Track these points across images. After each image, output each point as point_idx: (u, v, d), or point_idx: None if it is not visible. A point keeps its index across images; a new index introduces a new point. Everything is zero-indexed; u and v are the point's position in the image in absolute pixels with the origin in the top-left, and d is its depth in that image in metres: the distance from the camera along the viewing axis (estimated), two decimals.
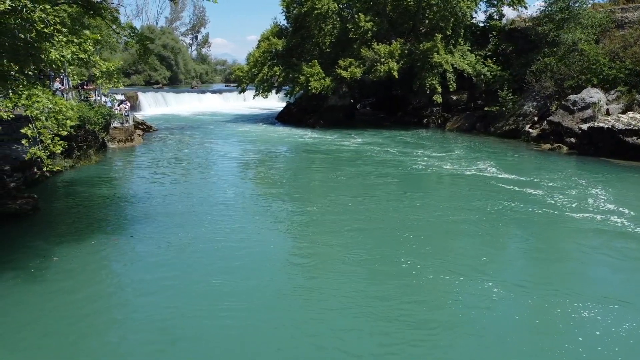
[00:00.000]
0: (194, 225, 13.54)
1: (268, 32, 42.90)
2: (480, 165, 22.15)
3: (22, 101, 8.39)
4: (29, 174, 17.16)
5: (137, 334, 8.08)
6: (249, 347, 7.70)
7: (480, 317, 8.56)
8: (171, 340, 7.87)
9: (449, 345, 7.77)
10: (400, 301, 9.13)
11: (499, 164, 22.32)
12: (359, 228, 13.32)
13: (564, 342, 7.77)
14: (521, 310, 8.83)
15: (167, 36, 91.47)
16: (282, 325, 8.29)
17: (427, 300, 9.27)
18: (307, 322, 8.44)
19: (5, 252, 11.30)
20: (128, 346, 7.77)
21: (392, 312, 8.71)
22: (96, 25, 26.49)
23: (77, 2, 12.89)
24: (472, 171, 20.98)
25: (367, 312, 8.71)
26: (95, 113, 23.22)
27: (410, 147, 28.23)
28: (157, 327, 8.25)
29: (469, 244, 12.32)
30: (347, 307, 8.89)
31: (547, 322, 8.42)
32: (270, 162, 25.01)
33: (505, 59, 35.56)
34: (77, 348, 7.68)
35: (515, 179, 19.31)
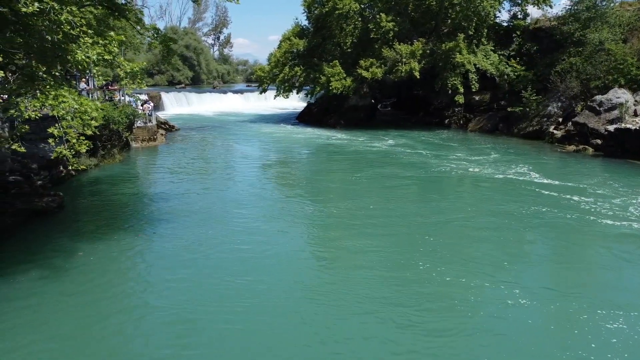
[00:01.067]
0: (215, 224, 13.66)
1: (289, 33, 43.03)
2: (503, 167, 21.83)
3: (49, 101, 8.58)
4: (55, 173, 17.53)
5: (158, 333, 8.18)
6: (266, 347, 7.73)
7: (500, 325, 8.41)
8: (191, 338, 7.96)
9: (468, 351, 7.68)
10: (419, 307, 9.00)
11: (522, 166, 21.96)
12: (379, 231, 13.22)
13: (589, 352, 7.61)
14: (544, 318, 8.62)
15: (189, 37, 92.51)
16: (300, 328, 8.29)
17: (447, 306, 9.12)
18: (324, 325, 8.43)
19: (32, 249, 11.58)
20: (148, 344, 7.87)
21: (410, 317, 8.62)
22: (121, 26, 26.92)
23: (102, 4, 13.12)
24: (495, 173, 20.68)
25: (386, 316, 8.63)
26: (119, 113, 23.61)
27: (432, 148, 27.98)
28: (178, 326, 8.34)
29: (491, 249, 12.07)
30: (365, 311, 8.81)
31: (571, 331, 8.21)
32: (290, 163, 25.07)
33: (529, 59, 34.99)
34: (98, 345, 7.82)
35: (540, 181, 18.98)
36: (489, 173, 20.71)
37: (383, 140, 31.22)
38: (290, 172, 22.13)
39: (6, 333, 8.05)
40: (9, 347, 7.65)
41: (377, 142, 30.23)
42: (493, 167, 21.82)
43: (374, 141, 30.74)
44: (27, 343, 7.78)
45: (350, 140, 31.39)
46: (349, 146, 28.94)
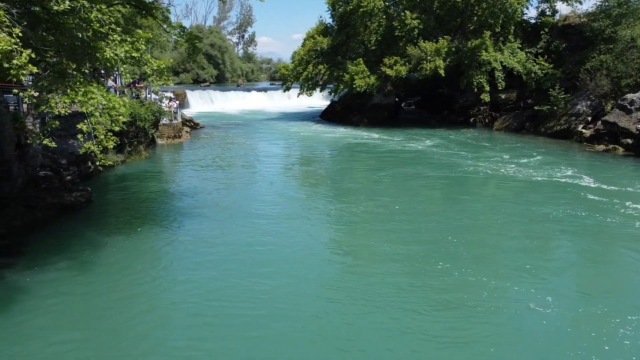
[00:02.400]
0: (239, 220, 13.77)
1: (313, 31, 43.08)
2: (530, 167, 21.43)
3: (78, 97, 8.77)
4: (83, 168, 17.92)
5: (182, 330, 8.30)
6: (285, 346, 7.76)
7: (526, 329, 8.24)
8: (213, 332, 8.05)
9: (493, 357, 7.58)
10: (442, 310, 8.85)
11: (550, 166, 21.51)
12: (403, 231, 13.05)
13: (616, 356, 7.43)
14: (571, 322, 8.39)
15: (214, 35, 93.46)
16: (318, 330, 8.20)
17: (471, 309, 8.92)
18: (343, 327, 8.39)
19: (61, 242, 11.87)
20: (170, 337, 8.00)
21: (432, 320, 8.47)
22: (148, 25, 27.37)
23: (130, 3, 13.36)
24: (521, 173, 20.30)
25: (408, 320, 8.51)
26: (145, 110, 23.98)
27: (457, 147, 27.66)
28: (200, 319, 8.44)
29: (517, 251, 11.72)
30: (386, 314, 8.70)
31: (599, 336, 8.00)
32: (313, 160, 25.10)
33: (557, 57, 34.25)
34: (122, 335, 7.97)
35: (568, 181, 18.56)
36: (515, 173, 20.34)
37: (407, 138, 31.00)
38: (313, 170, 22.15)
39: (36, 321, 8.27)
40: (39, 334, 7.86)
41: (401, 141, 30.04)
42: (520, 167, 21.43)
43: (398, 140, 30.56)
44: (54, 330, 7.99)
45: (374, 138, 31.27)
46: (373, 144, 28.83)
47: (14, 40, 7.03)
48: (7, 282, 9.78)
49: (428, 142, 29.53)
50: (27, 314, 8.52)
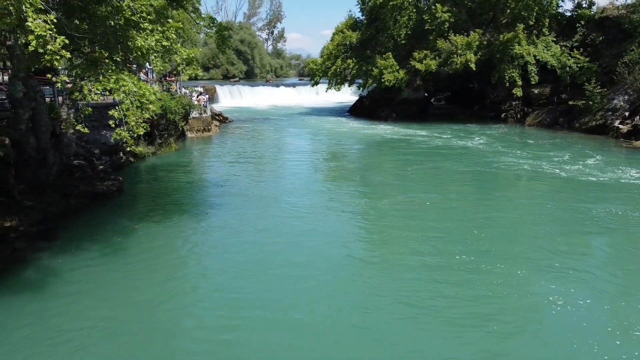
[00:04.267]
0: (266, 212, 13.83)
1: (342, 25, 42.92)
2: (565, 163, 20.78)
3: (110, 84, 8.96)
4: (115, 158, 18.33)
5: (207, 313, 8.40)
6: (307, 342, 7.76)
7: (553, 324, 8.04)
8: (239, 321, 8.11)
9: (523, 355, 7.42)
10: (472, 308, 8.65)
11: (585, 162, 20.84)
12: (433, 228, 12.72)
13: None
14: (600, 320, 8.17)
15: (244, 31, 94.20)
16: (344, 328, 8.07)
17: (501, 308, 8.68)
18: (367, 326, 8.35)
19: (93, 229, 12.17)
20: (198, 323, 8.10)
21: (462, 318, 8.27)
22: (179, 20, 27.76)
23: None
24: (556, 169, 19.66)
25: (437, 320, 8.32)
26: (176, 103, 24.35)
27: (488, 142, 27.15)
28: (225, 311, 8.48)
29: (550, 249, 11.19)
30: (415, 312, 8.56)
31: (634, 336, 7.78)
32: (341, 155, 25.04)
33: (594, 50, 33.23)
34: (150, 321, 8.11)
35: (605, 179, 17.86)
36: (549, 169, 19.72)
37: (436, 134, 30.60)
38: (341, 164, 22.06)
39: (68, 300, 8.52)
40: (70, 313, 8.09)
41: (430, 136, 29.67)
42: (554, 163, 20.81)
43: (427, 135, 30.20)
44: (85, 310, 8.21)
45: (402, 133, 30.98)
46: (401, 139, 28.57)
47: (48, 26, 7.21)
48: (43, 264, 10.09)
49: (457, 137, 29.09)
50: (59, 294, 8.80)
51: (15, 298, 8.67)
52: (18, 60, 11.69)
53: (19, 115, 12.66)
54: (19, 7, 7.25)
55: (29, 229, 11.56)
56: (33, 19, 7.17)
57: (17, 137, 12.67)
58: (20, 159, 12.82)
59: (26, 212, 12.04)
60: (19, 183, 12.54)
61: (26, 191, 12.68)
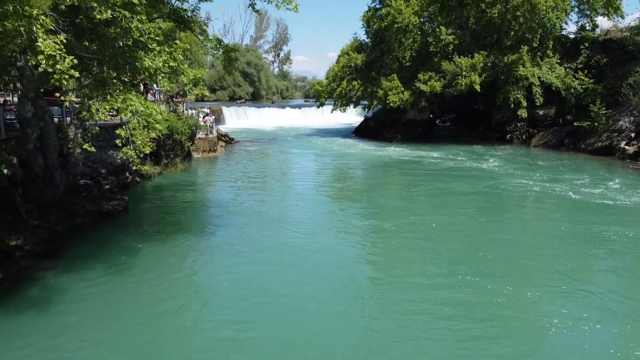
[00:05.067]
0: (270, 233, 13.77)
1: (347, 47, 43.41)
2: (571, 184, 20.52)
3: (117, 104, 9.07)
4: (121, 178, 18.42)
5: (209, 335, 8.34)
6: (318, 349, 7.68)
7: (560, 346, 7.91)
8: (244, 335, 8.04)
9: None
10: (479, 330, 8.58)
11: (592, 184, 20.64)
12: (438, 249, 12.61)
13: None
14: (609, 343, 8.02)
15: (250, 54, 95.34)
16: (352, 347, 8.07)
17: (508, 330, 8.60)
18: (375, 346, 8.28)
19: (98, 248, 12.18)
20: (202, 342, 8.03)
21: (466, 333, 8.23)
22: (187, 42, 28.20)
23: (170, 17, 13.81)
24: (562, 190, 19.40)
25: (442, 335, 8.28)
26: (182, 124, 24.56)
27: (493, 163, 27.09)
28: (230, 326, 8.46)
29: (555, 270, 11.04)
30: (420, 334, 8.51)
31: None
32: (346, 176, 25.05)
33: (598, 72, 33.36)
34: (151, 339, 8.05)
35: (613, 200, 17.66)
36: (555, 190, 19.50)
37: (441, 155, 30.58)
38: (346, 185, 22.02)
39: (71, 319, 8.50)
40: (72, 332, 8.04)
41: (435, 157, 29.66)
42: (560, 184, 20.56)
43: (432, 156, 30.19)
44: (87, 329, 8.16)
45: (408, 154, 31.01)
46: (406, 160, 28.58)
47: (58, 46, 7.35)
48: (48, 283, 10.10)
49: (463, 158, 29.06)
50: (64, 313, 8.79)
51: (20, 316, 8.66)
52: (28, 80, 11.87)
53: (27, 135, 12.79)
54: (30, 28, 7.40)
55: (34, 248, 11.59)
56: (43, 39, 7.32)
57: (25, 156, 12.80)
58: (28, 178, 12.92)
59: (32, 231, 12.08)
60: (26, 202, 12.61)
61: (33, 210, 12.74)
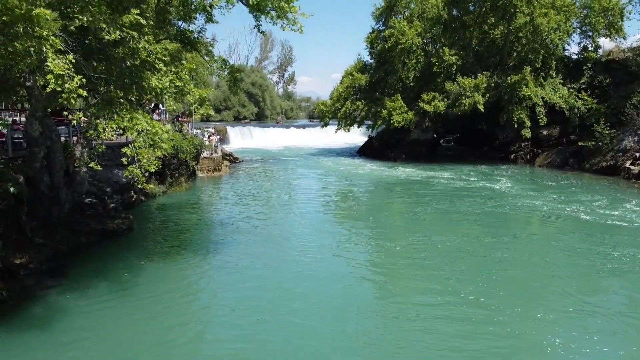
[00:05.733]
0: (274, 252, 13.75)
1: (352, 68, 43.85)
2: (576, 205, 20.43)
3: (124, 123, 9.17)
4: (126, 197, 18.48)
5: (215, 348, 8.27)
6: None
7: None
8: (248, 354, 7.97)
9: None
10: (482, 346, 8.52)
11: (597, 204, 20.52)
12: (442, 267, 12.59)
13: None
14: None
15: (255, 74, 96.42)
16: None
17: (512, 347, 8.58)
18: None
19: (102, 266, 12.16)
20: None
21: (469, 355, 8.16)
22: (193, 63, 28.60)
23: (177, 38, 14.03)
24: (568, 211, 19.27)
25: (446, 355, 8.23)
26: (187, 143, 24.72)
27: (497, 183, 27.04)
28: (235, 344, 8.39)
29: (561, 293, 10.95)
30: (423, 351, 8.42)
31: None
32: (350, 196, 25.05)
33: (601, 92, 33.53)
34: (158, 359, 7.99)
35: (619, 220, 17.51)
36: (561, 211, 19.38)
37: (446, 174, 30.59)
38: (351, 205, 22.02)
39: (73, 338, 8.44)
40: (75, 351, 7.99)
41: (440, 177, 29.66)
42: (566, 204, 20.46)
43: (436, 175, 30.19)
44: (90, 348, 8.10)
45: (412, 174, 31.02)
46: (410, 180, 28.58)
47: (67, 66, 7.47)
48: (51, 301, 10.07)
49: (468, 178, 29.04)
50: (67, 331, 8.74)
51: (23, 334, 8.63)
52: (36, 100, 12.04)
53: (34, 154, 12.91)
54: (39, 48, 7.54)
55: (39, 266, 11.59)
56: (52, 59, 7.45)
57: (32, 175, 12.90)
58: (34, 196, 13.00)
59: (37, 249, 12.10)
60: (31, 220, 12.66)
61: (38, 228, 12.78)
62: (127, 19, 8.46)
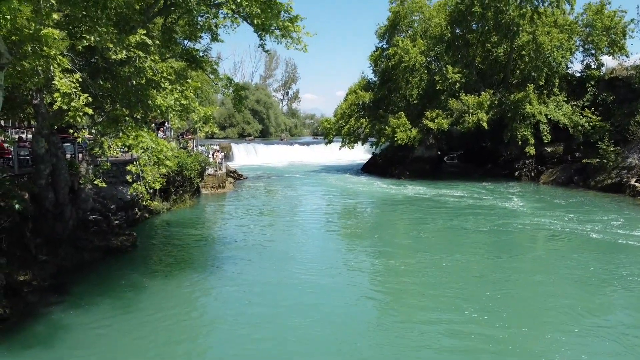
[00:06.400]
0: (278, 269, 13.69)
1: (355, 86, 44.15)
2: (581, 222, 20.24)
3: (129, 141, 9.24)
4: (130, 214, 18.52)
5: None
6: None
7: None
8: None
9: None
10: None
11: (602, 221, 20.32)
12: (446, 287, 12.45)
13: None
14: None
15: (260, 92, 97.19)
16: None
17: None
18: None
19: (105, 283, 12.14)
20: None
21: None
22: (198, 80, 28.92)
23: (182, 57, 14.21)
24: (573, 229, 19.12)
25: None
26: (192, 160, 24.83)
27: (502, 201, 26.95)
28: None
29: (568, 314, 10.79)
30: None
31: None
32: (354, 213, 25.01)
33: (605, 109, 33.56)
34: None
35: (624, 239, 17.40)
36: (569, 229, 19.18)
37: (450, 192, 30.52)
38: (355, 223, 21.95)
39: (76, 355, 8.39)
40: None
41: (444, 194, 29.59)
42: (573, 222, 20.29)
43: (441, 193, 30.12)
44: None
45: (416, 191, 30.96)
46: (414, 197, 28.52)
47: (74, 85, 7.57)
48: (54, 319, 10.04)
49: (472, 195, 28.96)
50: (69, 349, 8.72)
51: (26, 353, 8.62)
52: (42, 117, 12.15)
53: (40, 171, 12.99)
54: (47, 67, 7.65)
55: (42, 283, 11.58)
56: (60, 78, 7.55)
57: (37, 192, 12.96)
58: (39, 213, 13.05)
59: (40, 266, 12.11)
60: (35, 237, 12.69)
61: (42, 245, 12.81)
62: (133, 39, 8.60)
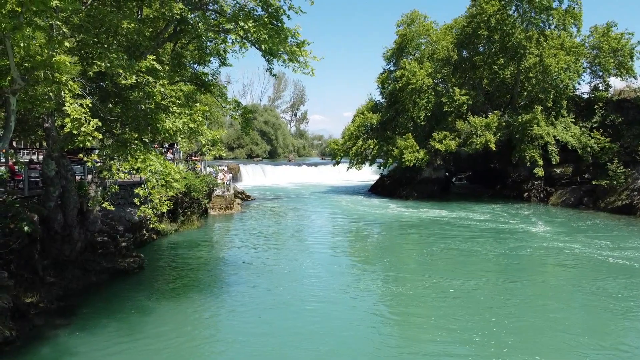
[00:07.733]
0: (284, 293, 13.61)
1: (363, 107, 44.40)
2: (592, 245, 19.99)
3: (137, 164, 9.34)
4: (138, 235, 18.58)
5: None
6: None
7: None
8: None
9: None
10: None
11: (613, 244, 20.11)
12: (454, 311, 12.36)
13: None
14: None
15: (268, 113, 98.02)
16: None
17: None
18: None
19: (112, 306, 12.13)
20: None
21: None
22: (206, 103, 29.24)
23: (191, 80, 14.41)
24: (583, 252, 18.91)
25: None
26: (200, 181, 24.95)
27: (511, 223, 26.73)
28: None
29: (579, 338, 10.82)
30: None
31: None
32: (361, 235, 24.90)
33: (614, 131, 33.42)
34: None
35: (635, 262, 17.26)
36: (578, 252, 19.01)
37: (458, 213, 30.33)
38: (362, 246, 21.80)
39: None
40: None
41: (452, 216, 29.41)
42: (582, 245, 20.08)
43: (449, 214, 29.95)
44: None
45: (424, 212, 30.82)
46: (422, 219, 28.38)
47: (84, 110, 7.70)
48: (60, 342, 10.04)
49: (480, 217, 28.77)
50: None
51: None
52: (53, 141, 12.33)
53: (49, 193, 13.12)
54: (58, 92, 7.80)
55: (49, 305, 11.61)
56: (70, 103, 7.68)
57: (46, 214, 13.06)
58: (47, 235, 13.13)
59: (47, 288, 12.15)
60: (43, 259, 12.74)
61: (49, 267, 12.86)
62: (143, 65, 8.76)
